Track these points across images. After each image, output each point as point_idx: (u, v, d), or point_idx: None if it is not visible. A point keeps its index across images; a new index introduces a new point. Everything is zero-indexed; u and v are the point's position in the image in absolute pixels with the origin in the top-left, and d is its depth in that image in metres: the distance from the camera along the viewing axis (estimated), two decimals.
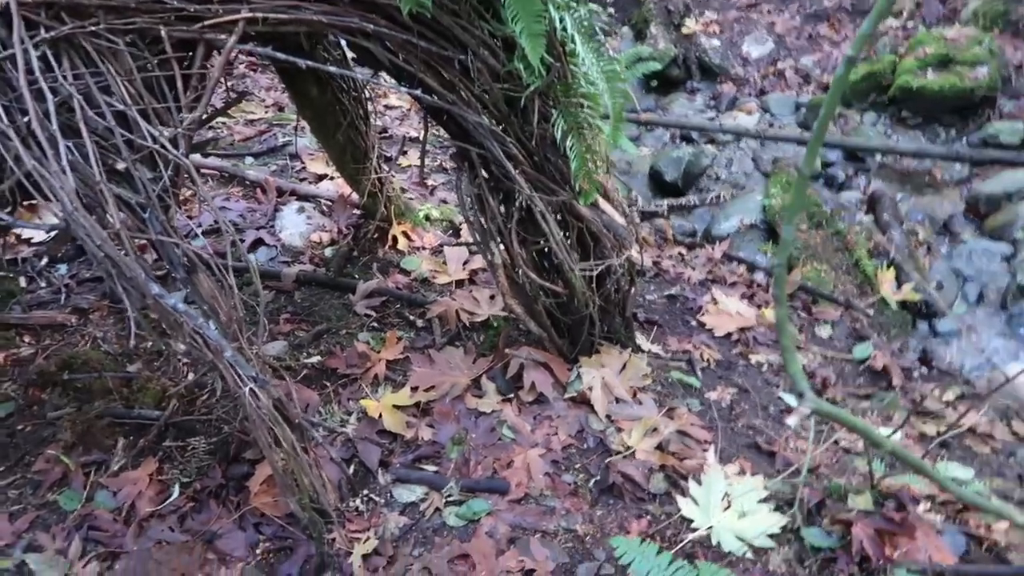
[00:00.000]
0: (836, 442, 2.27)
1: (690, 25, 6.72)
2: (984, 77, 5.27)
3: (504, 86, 1.76)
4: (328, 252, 2.80)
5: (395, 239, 2.79)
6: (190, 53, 1.50)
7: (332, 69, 1.66)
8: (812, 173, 0.82)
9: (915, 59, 5.55)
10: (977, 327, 3.91)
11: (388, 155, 3.71)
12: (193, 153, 1.87)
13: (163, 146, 1.42)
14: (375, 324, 2.47)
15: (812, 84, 6.22)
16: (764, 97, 6.22)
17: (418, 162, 3.52)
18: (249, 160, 3.57)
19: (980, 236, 4.54)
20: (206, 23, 1.47)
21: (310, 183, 3.34)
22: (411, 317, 2.51)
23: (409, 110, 4.82)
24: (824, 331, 3.06)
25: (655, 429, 2.12)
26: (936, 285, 3.98)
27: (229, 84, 4.40)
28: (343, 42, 1.91)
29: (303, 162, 3.51)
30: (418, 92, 1.72)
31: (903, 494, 1.82)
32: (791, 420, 0.99)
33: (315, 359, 2.27)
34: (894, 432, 2.07)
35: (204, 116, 1.53)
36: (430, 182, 3.52)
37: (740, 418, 2.33)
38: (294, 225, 2.87)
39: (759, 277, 3.54)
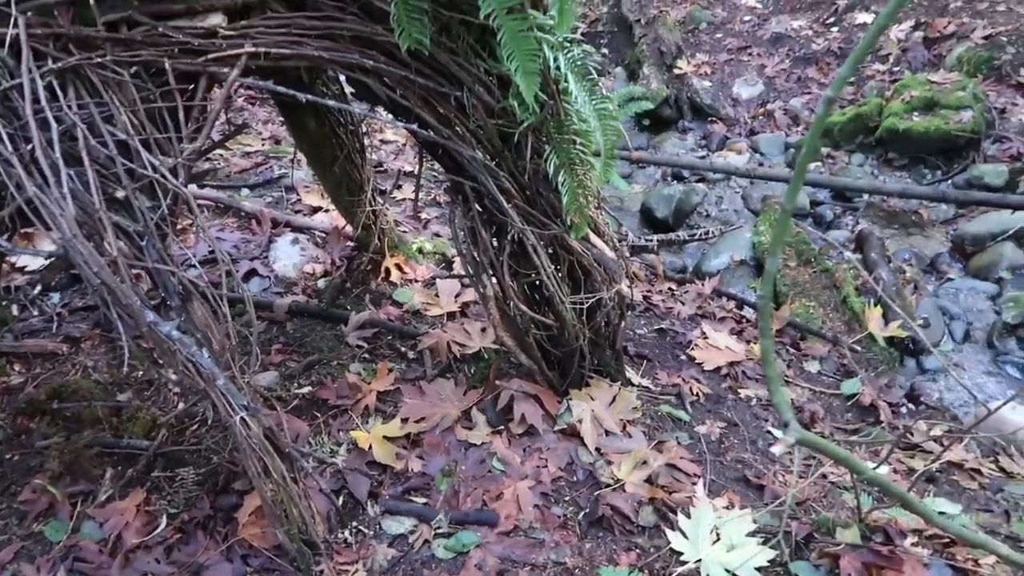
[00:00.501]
0: (824, 476, 2.28)
1: (682, 66, 6.86)
2: (968, 120, 5.39)
3: (498, 122, 1.81)
4: (321, 283, 2.82)
5: (388, 271, 2.82)
6: (193, 85, 1.54)
7: (331, 103, 1.70)
8: (793, 208, 0.85)
9: (901, 102, 5.68)
10: (964, 364, 3.95)
11: (383, 188, 3.76)
12: (191, 183, 1.90)
13: (163, 176, 1.45)
14: (367, 355, 2.48)
15: (801, 125, 6.34)
16: (754, 137, 6.33)
17: (412, 195, 3.56)
18: (245, 192, 3.61)
19: (966, 275, 4.61)
20: (210, 56, 1.51)
21: (305, 215, 3.38)
22: (402, 349, 2.52)
23: (404, 145, 4.89)
24: (812, 367, 3.09)
25: (644, 462, 2.13)
26: (923, 323, 4.02)
27: (228, 116, 4.47)
28: (342, 77, 1.96)
29: (299, 194, 3.54)
30: (414, 127, 1.76)
31: (890, 528, 1.83)
32: (776, 449, 1.01)
33: (306, 389, 2.28)
34: (879, 465, 2.09)
35: (204, 147, 1.56)
36: (424, 215, 3.56)
37: (729, 452, 2.34)
38: (288, 256, 2.90)
39: (748, 313, 3.57)
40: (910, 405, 3.08)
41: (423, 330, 2.59)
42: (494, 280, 2.08)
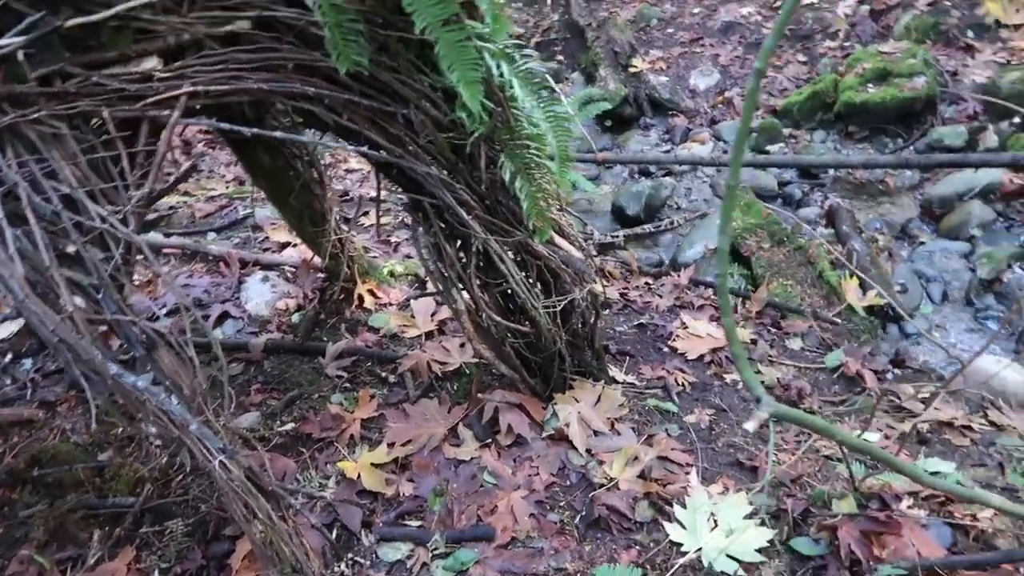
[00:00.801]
0: (817, 450, 2.28)
1: (637, 64, 6.91)
2: (923, 86, 5.46)
3: (449, 135, 1.80)
4: (295, 318, 2.80)
5: (361, 298, 2.80)
6: (134, 131, 1.52)
7: (277, 135, 1.69)
8: (737, 184, 0.86)
9: (855, 76, 5.75)
10: (945, 324, 3.98)
11: (348, 216, 3.74)
12: (147, 231, 1.88)
13: (112, 226, 1.43)
14: (347, 385, 2.46)
15: (760, 109, 6.39)
16: (716, 126, 6.39)
17: (379, 220, 3.55)
18: (212, 235, 3.58)
19: (938, 237, 4.65)
20: (148, 101, 1.50)
21: (273, 252, 3.36)
22: (383, 374, 2.50)
23: (369, 172, 4.88)
24: (795, 344, 3.09)
25: (636, 458, 2.12)
26: (901, 288, 4.05)
27: (179, 159, 4.43)
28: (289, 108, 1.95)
29: (265, 232, 3.52)
30: (365, 148, 1.75)
31: (885, 493, 1.83)
32: (749, 425, 1.01)
33: (289, 426, 2.25)
34: (863, 432, 2.09)
35: (154, 192, 1.54)
36: (393, 239, 3.55)
37: (720, 438, 2.34)
38: (259, 295, 2.88)
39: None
40: (895, 370, 3.10)
41: (402, 353, 2.57)
42: (464, 294, 2.07)
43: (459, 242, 2.04)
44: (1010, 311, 3.97)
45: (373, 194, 4.16)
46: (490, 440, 2.18)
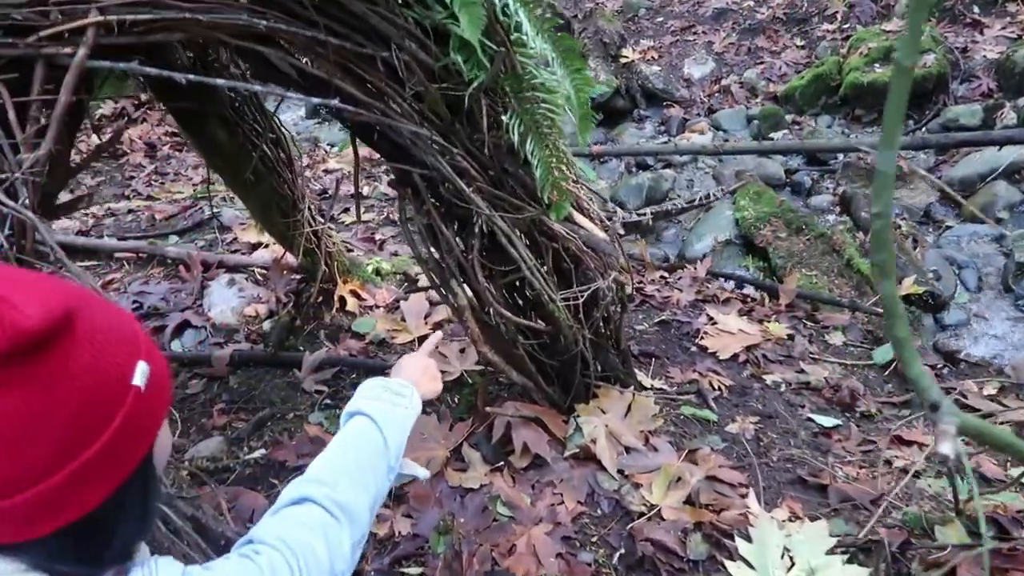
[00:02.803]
0: (888, 462, 1.92)
1: (628, 55, 6.59)
2: (932, 64, 5.17)
3: (442, 86, 1.44)
4: (267, 325, 2.42)
5: (343, 300, 2.42)
6: (25, 75, 1.14)
7: (219, 81, 1.32)
8: (914, 63, 0.46)
9: (860, 56, 5.45)
10: (985, 313, 3.64)
11: (330, 213, 3.37)
12: (58, 214, 1.50)
13: None
14: (328, 401, 2.08)
15: (760, 96, 6.09)
16: (714, 115, 6.07)
17: (363, 217, 3.18)
18: (174, 239, 3.20)
19: (963, 221, 4.33)
20: (42, 34, 1.13)
21: (244, 254, 2.97)
22: None
23: (349, 172, 4.50)
24: (836, 338, 2.75)
25: (679, 478, 1.75)
26: (934, 276, 3.72)
27: (111, 131, 4.00)
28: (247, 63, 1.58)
29: (234, 232, 3.14)
30: (336, 103, 1.38)
31: (1000, 516, 1.47)
32: (945, 448, 0.64)
33: (258, 453, 1.87)
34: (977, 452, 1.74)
35: (55, 156, 1.16)
36: (379, 236, 3.17)
37: (771, 450, 1.98)
38: (224, 300, 2.49)
39: (751, 291, 3.23)
40: (949, 365, 2.75)
41: (391, 361, 2.19)
42: (466, 286, 1.70)
43: (458, 223, 1.67)
44: None
45: (354, 192, 3.80)
46: (502, 463, 1.81)
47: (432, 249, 1.67)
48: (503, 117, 1.50)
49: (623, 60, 6.58)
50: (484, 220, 1.58)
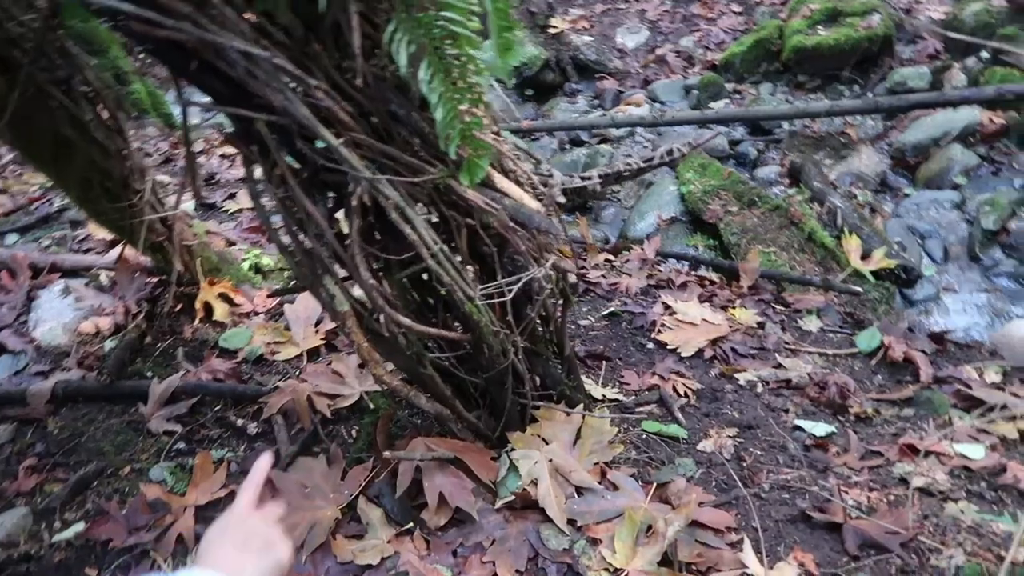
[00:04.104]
0: (904, 480, 1.53)
1: (557, 25, 6.14)
2: (878, 25, 4.88)
3: None
4: (108, 345, 1.87)
5: (208, 307, 1.90)
6: None
7: None
8: None
9: (802, 18, 5.13)
10: (954, 285, 3.34)
11: (211, 202, 2.82)
12: None
13: None
14: (180, 445, 1.56)
15: (697, 64, 5.73)
16: (650, 86, 5.68)
17: (250, 205, 2.63)
18: (14, 238, 2.59)
19: (920, 188, 4.04)
20: None
21: (98, 253, 2.40)
22: (239, 421, 1.61)
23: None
24: (811, 323, 2.36)
25: (650, 528, 1.31)
26: (898, 247, 3.40)
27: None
28: None
29: (88, 228, 2.56)
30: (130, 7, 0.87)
31: None
32: None
33: (73, 531, 1.34)
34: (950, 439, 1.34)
35: None
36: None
37: (759, 473, 1.55)
38: (56, 314, 1.93)
39: (707, 272, 2.83)
40: (934, 346, 2.40)
41: (270, 385, 1.69)
42: (350, 282, 1.22)
43: (330, 192, 1.18)
44: (1022, 263, 3.37)
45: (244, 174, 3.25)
46: (411, 523, 1.33)
47: (294, 230, 1.17)
48: (386, 29, 1.01)
49: (552, 31, 6.13)
50: (365, 188, 1.10)
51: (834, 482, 1.53)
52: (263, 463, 0.90)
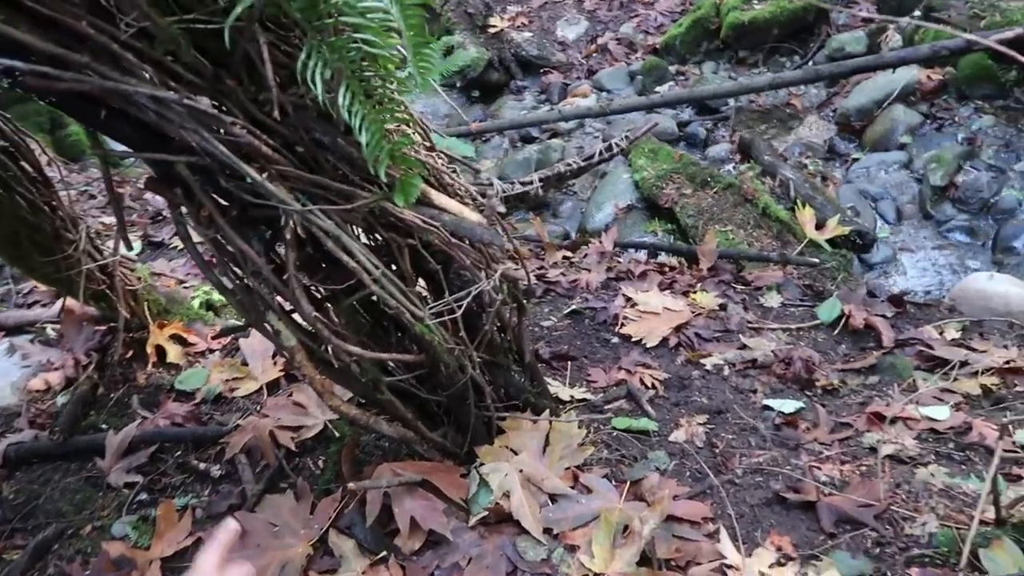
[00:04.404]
0: (874, 449, 1.54)
1: (496, 23, 6.12)
2: None
3: (184, 18, 0.91)
4: (61, 400, 1.82)
5: (160, 350, 1.85)
6: None
7: None
8: None
9: None
10: (910, 245, 3.39)
11: (157, 239, 2.76)
12: None
13: None
14: (143, 496, 1.52)
15: (639, 50, 5.75)
16: (595, 76, 5.68)
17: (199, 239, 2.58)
18: None
19: (868, 152, 4.09)
20: None
21: (44, 305, 2.33)
22: (201, 465, 1.58)
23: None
24: (772, 300, 2.37)
25: (626, 528, 1.30)
26: (852, 212, 3.44)
27: None
28: None
29: (32, 281, 2.48)
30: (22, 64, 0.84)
31: None
32: None
33: None
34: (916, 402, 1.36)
35: None
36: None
37: (731, 458, 1.55)
38: (2, 374, 1.87)
39: (666, 259, 2.84)
40: (894, 308, 2.43)
41: (231, 424, 1.65)
42: (296, 317, 1.19)
43: (263, 227, 1.15)
44: (974, 216, 3.43)
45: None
46: (385, 551, 1.31)
47: (231, 271, 1.14)
48: (298, 55, 0.99)
49: (492, 30, 6.11)
50: (298, 219, 1.07)
51: (806, 459, 1.54)
52: (227, 530, 0.86)
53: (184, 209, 1.11)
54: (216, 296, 2.11)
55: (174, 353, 1.86)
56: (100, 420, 1.73)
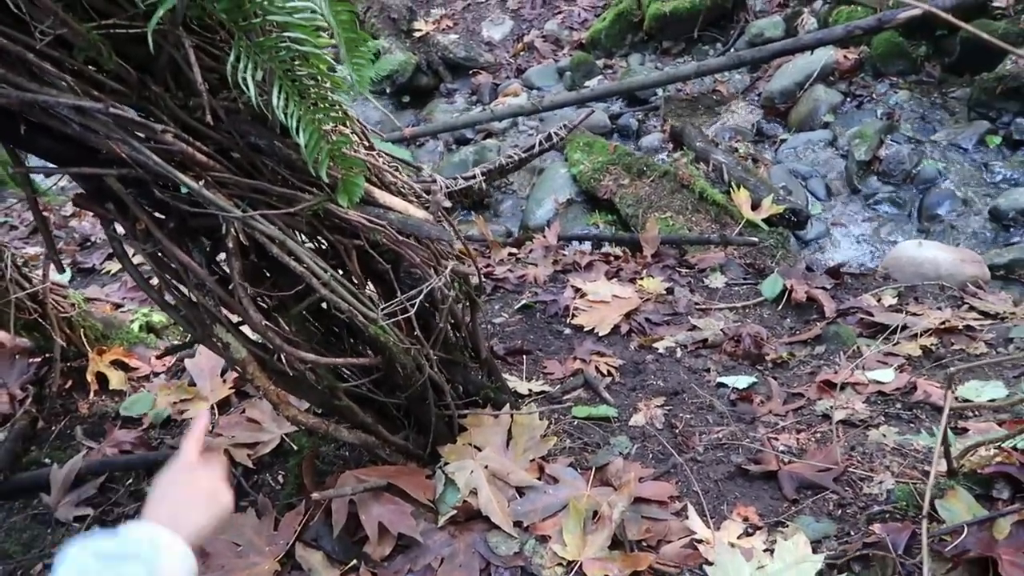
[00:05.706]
0: (827, 416, 1.58)
1: (421, 27, 6.09)
2: None
3: (103, 23, 0.88)
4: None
5: (101, 378, 1.77)
6: None
7: None
8: None
9: None
10: (842, 220, 3.51)
11: (89, 265, 2.66)
12: None
13: None
14: (96, 527, 1.45)
15: (566, 46, 5.80)
16: (524, 75, 5.72)
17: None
18: None
19: (794, 132, 4.21)
20: None
21: None
22: None
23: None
24: (716, 280, 2.42)
25: (596, 513, 1.30)
26: (784, 191, 3.53)
27: None
28: None
29: None
30: None
31: (1012, 469, 1.13)
32: None
33: None
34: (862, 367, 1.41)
35: None
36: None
37: (691, 437, 1.58)
38: None
39: (610, 248, 2.87)
40: (833, 280, 2.50)
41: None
42: (245, 328, 1.15)
43: (206, 238, 1.12)
44: (898, 188, 3.56)
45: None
46: (355, 560, 1.28)
47: (171, 285, 1.10)
48: (227, 58, 0.96)
49: (417, 34, 6.07)
50: (238, 227, 1.04)
51: (763, 431, 1.57)
52: (203, 418, 0.96)
53: (118, 225, 1.07)
54: (156, 317, 2.03)
55: (116, 379, 1.78)
56: (43, 455, 1.65)
